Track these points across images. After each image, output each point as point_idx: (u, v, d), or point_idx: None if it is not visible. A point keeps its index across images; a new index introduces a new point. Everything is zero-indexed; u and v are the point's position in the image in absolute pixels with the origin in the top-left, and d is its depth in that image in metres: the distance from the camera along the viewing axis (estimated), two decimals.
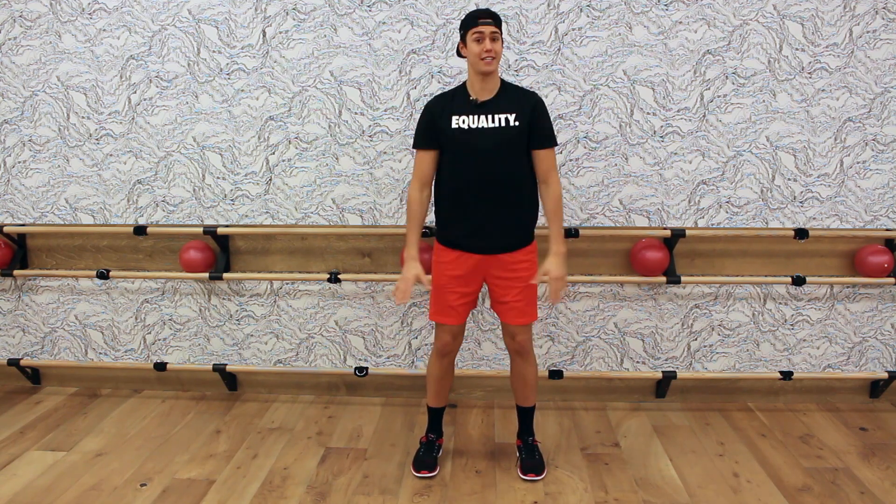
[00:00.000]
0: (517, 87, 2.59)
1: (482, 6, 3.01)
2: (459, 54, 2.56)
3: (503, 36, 2.56)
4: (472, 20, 2.45)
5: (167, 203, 3.32)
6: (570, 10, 3.02)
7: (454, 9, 3.04)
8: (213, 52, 3.16)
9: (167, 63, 3.19)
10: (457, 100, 2.54)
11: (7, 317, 3.51)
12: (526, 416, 2.73)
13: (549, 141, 2.53)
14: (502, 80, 2.56)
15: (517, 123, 2.48)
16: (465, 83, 2.57)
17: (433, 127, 2.54)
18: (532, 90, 2.63)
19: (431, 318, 2.64)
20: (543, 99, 2.58)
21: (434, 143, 2.55)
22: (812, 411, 3.23)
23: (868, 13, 2.97)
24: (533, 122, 2.50)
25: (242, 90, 3.18)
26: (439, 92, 2.70)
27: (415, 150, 2.60)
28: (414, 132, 2.61)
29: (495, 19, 2.46)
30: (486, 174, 2.48)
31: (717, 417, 3.17)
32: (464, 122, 2.50)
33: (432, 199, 2.66)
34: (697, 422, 3.13)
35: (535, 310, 2.62)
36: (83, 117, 3.27)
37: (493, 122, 2.49)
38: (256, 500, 2.51)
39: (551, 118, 2.60)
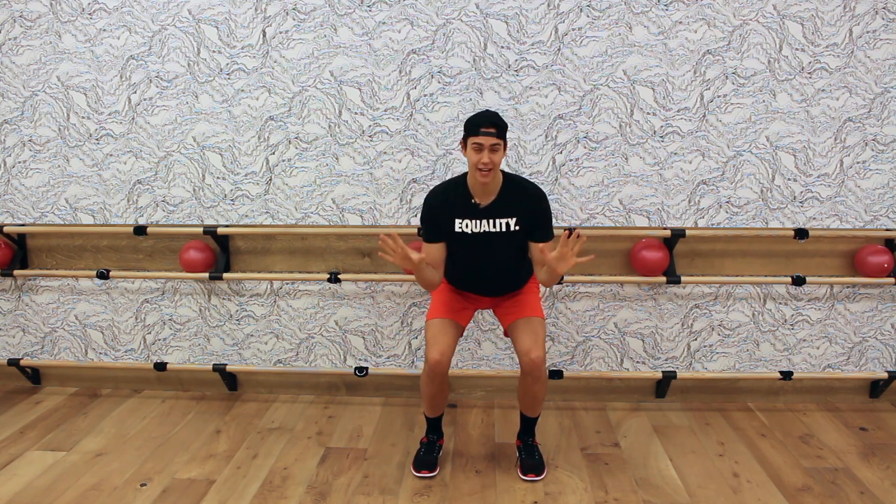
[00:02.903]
0: (518, 182, 2.55)
1: (483, 4, 3.02)
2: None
3: (506, 140, 2.46)
4: (474, 127, 2.40)
5: (167, 203, 3.32)
6: (570, 10, 3.02)
7: (454, 9, 3.04)
8: (213, 52, 3.16)
9: (167, 63, 3.19)
10: (458, 199, 2.53)
11: (7, 317, 3.51)
12: (529, 422, 2.73)
13: (548, 236, 2.56)
14: (504, 175, 2.54)
15: (518, 228, 2.52)
16: (465, 176, 2.55)
17: (436, 223, 2.56)
18: (534, 185, 2.57)
19: (429, 318, 2.64)
20: (546, 195, 2.57)
21: (440, 238, 2.58)
22: (812, 411, 3.23)
23: (868, 13, 2.97)
24: (534, 223, 2.53)
25: (242, 90, 3.18)
26: (440, 183, 2.65)
27: (423, 243, 2.63)
28: (420, 221, 2.65)
29: (499, 129, 2.40)
30: (487, 267, 2.60)
31: (717, 417, 3.17)
32: (466, 225, 2.53)
33: None
34: (697, 422, 3.13)
35: (539, 308, 2.66)
36: (83, 117, 3.27)
37: (495, 226, 2.53)
38: (256, 500, 2.51)
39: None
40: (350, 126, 3.18)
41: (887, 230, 3.13)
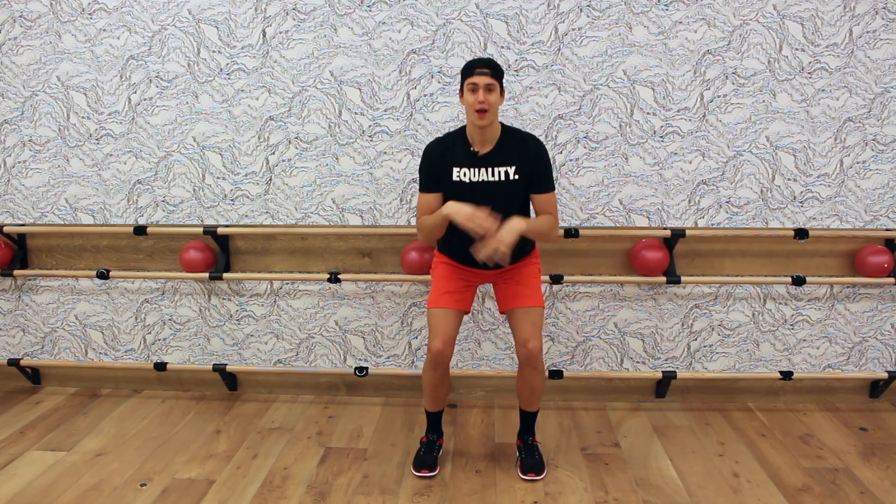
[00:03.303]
0: (517, 132, 2.55)
1: (482, 5, 3.02)
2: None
3: (503, 86, 2.48)
4: (469, 69, 2.43)
5: (167, 203, 3.32)
6: (570, 10, 3.02)
7: (454, 9, 3.04)
8: (213, 52, 3.16)
9: (167, 63, 3.19)
10: (457, 148, 2.53)
11: (7, 317, 3.51)
12: (529, 418, 2.73)
13: (549, 187, 2.54)
14: (503, 126, 2.54)
15: (517, 177, 2.50)
16: (464, 128, 2.55)
17: (434, 172, 2.55)
18: (533, 135, 2.58)
19: (430, 306, 2.61)
20: (544, 143, 2.57)
21: (438, 187, 2.56)
22: (812, 411, 3.23)
23: (868, 13, 2.97)
24: (533, 172, 2.51)
25: (242, 90, 3.18)
26: (439, 135, 2.65)
27: (419, 192, 2.60)
28: (418, 174, 2.62)
29: (493, 70, 2.42)
30: None
31: (717, 417, 3.17)
32: (464, 174, 2.51)
33: None
34: (697, 422, 3.13)
35: (540, 296, 2.62)
36: (83, 117, 3.27)
37: (494, 175, 2.50)
38: (256, 500, 2.51)
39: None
40: (350, 126, 3.18)
41: (887, 230, 3.13)
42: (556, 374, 3.23)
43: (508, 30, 3.04)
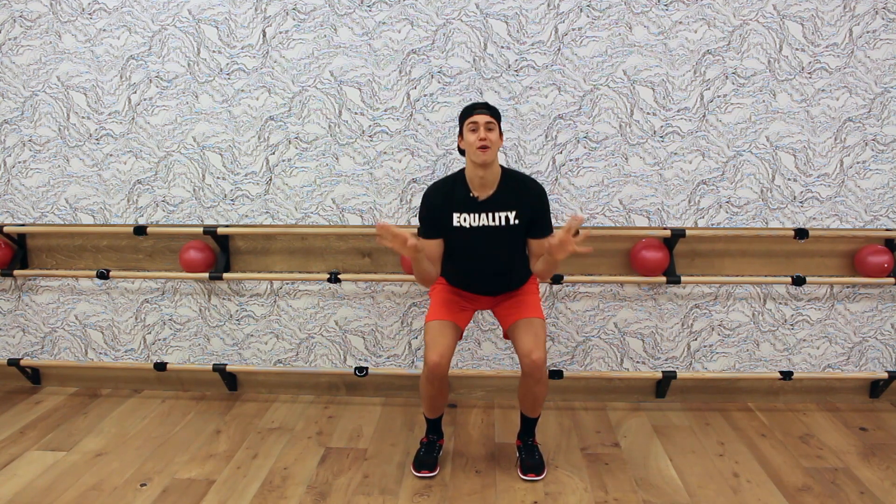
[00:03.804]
0: (516, 175, 2.56)
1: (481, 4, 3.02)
2: (460, 150, 2.55)
3: (501, 129, 2.52)
4: (468, 111, 2.47)
5: (167, 203, 3.32)
6: (570, 10, 3.02)
7: (454, 9, 3.04)
8: (213, 52, 3.16)
9: (167, 63, 3.19)
10: (457, 194, 2.53)
11: (7, 317, 3.51)
12: (529, 422, 2.72)
13: (547, 231, 2.56)
14: (503, 169, 2.54)
15: (517, 222, 2.52)
16: (464, 172, 2.56)
17: (434, 219, 2.56)
18: (532, 179, 2.58)
19: (428, 320, 2.63)
20: (545, 189, 2.58)
21: (438, 234, 2.58)
22: (812, 411, 3.23)
23: (868, 13, 2.97)
24: (533, 216, 2.53)
25: (242, 90, 3.18)
26: (438, 179, 2.65)
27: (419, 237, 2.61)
28: (418, 218, 2.63)
29: (492, 111, 2.46)
30: (489, 262, 2.58)
31: (717, 417, 3.17)
32: (465, 220, 2.53)
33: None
34: (697, 422, 3.13)
35: (540, 309, 2.65)
36: (83, 117, 3.27)
37: (494, 220, 2.52)
38: (256, 500, 2.51)
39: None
40: (350, 126, 3.18)
41: (887, 230, 3.13)
42: (556, 374, 3.23)
43: (508, 30, 3.04)
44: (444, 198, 2.54)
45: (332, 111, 3.17)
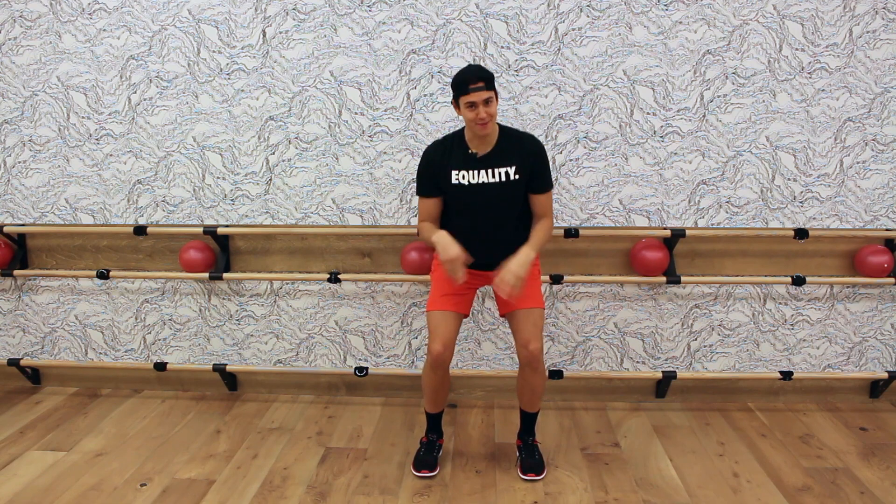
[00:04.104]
0: (515, 132, 2.56)
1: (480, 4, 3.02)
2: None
3: (496, 88, 2.48)
4: (463, 87, 2.39)
5: (167, 203, 3.32)
6: (570, 10, 3.02)
7: (454, 9, 3.04)
8: (213, 52, 3.16)
9: (167, 63, 3.19)
10: (455, 151, 2.53)
11: (7, 317, 3.51)
12: (529, 419, 2.73)
13: (547, 186, 2.56)
14: (500, 127, 2.54)
15: (517, 177, 2.51)
16: (462, 130, 2.56)
17: (433, 177, 2.55)
18: (530, 134, 2.59)
19: (429, 308, 2.61)
20: (543, 143, 2.58)
21: (437, 192, 2.58)
22: (812, 411, 3.23)
23: (868, 13, 2.97)
24: (532, 170, 2.52)
25: (242, 90, 3.18)
26: (437, 139, 2.65)
27: (418, 196, 2.61)
28: (416, 178, 2.62)
29: (487, 81, 2.39)
30: (488, 222, 2.55)
31: (717, 417, 3.17)
32: (463, 177, 2.52)
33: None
34: (697, 422, 3.13)
35: (540, 297, 2.62)
36: (83, 117, 3.27)
37: (494, 176, 2.51)
38: (256, 500, 2.51)
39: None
40: (350, 126, 3.18)
41: (887, 230, 3.13)
42: (556, 374, 3.23)
43: (508, 30, 3.04)
44: (442, 155, 2.54)
45: (332, 111, 3.17)
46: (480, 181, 2.51)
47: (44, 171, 3.34)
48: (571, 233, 3.10)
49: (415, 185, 3.15)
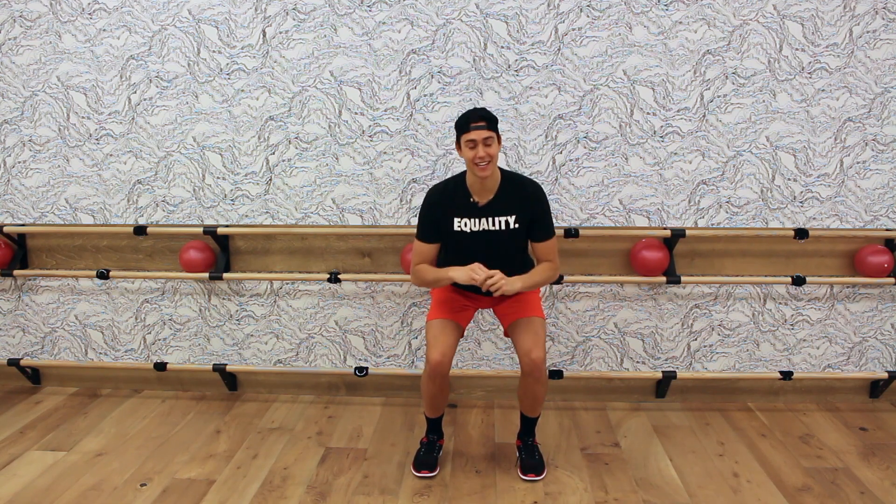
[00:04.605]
0: (516, 179, 2.55)
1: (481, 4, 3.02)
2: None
3: (499, 133, 2.46)
4: (465, 125, 2.41)
5: (167, 203, 3.32)
6: (570, 10, 3.02)
7: (454, 9, 3.04)
8: (213, 52, 3.16)
9: (167, 63, 3.19)
10: (457, 198, 2.53)
11: (7, 317, 3.51)
12: (529, 422, 2.73)
13: (549, 234, 2.56)
14: (502, 173, 2.54)
15: (517, 226, 2.52)
16: (464, 175, 2.56)
17: (436, 222, 2.56)
18: (532, 181, 2.58)
19: (429, 319, 2.64)
20: (544, 190, 2.58)
21: (438, 237, 2.59)
22: (812, 411, 3.23)
23: (868, 13, 2.97)
24: (533, 219, 2.52)
25: (242, 90, 3.18)
26: (439, 182, 2.64)
27: (417, 240, 2.62)
28: (417, 221, 2.62)
29: (488, 121, 2.40)
30: (487, 265, 2.52)
31: (717, 417, 3.17)
32: (465, 224, 2.53)
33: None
34: (697, 422, 3.13)
35: (540, 308, 2.65)
36: (83, 117, 3.27)
37: (494, 224, 2.52)
38: (256, 500, 2.51)
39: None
40: (350, 126, 3.18)
41: (887, 230, 3.13)
42: (556, 374, 3.23)
43: (508, 30, 3.04)
44: (445, 202, 2.55)
45: (332, 111, 3.17)
46: (482, 228, 2.53)
47: (44, 171, 3.34)
48: (571, 233, 3.10)
49: (415, 184, 3.17)
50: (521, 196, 2.52)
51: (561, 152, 3.13)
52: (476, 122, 2.40)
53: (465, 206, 2.53)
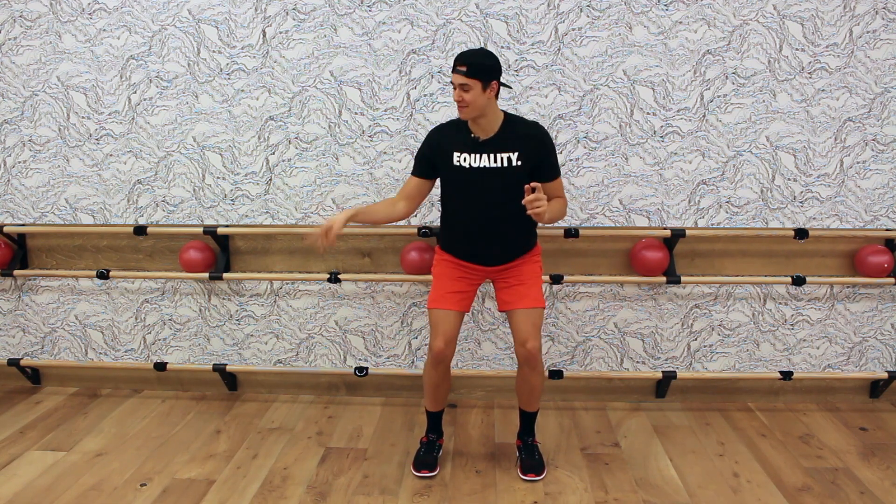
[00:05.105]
0: (520, 120, 2.55)
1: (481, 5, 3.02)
2: None
3: (487, 80, 2.39)
4: (453, 64, 2.42)
5: (167, 203, 3.32)
6: (570, 10, 3.02)
7: (454, 9, 3.04)
8: (213, 52, 3.16)
9: (167, 63, 3.19)
10: (460, 134, 2.53)
11: (7, 317, 3.51)
12: (528, 418, 2.73)
13: (555, 173, 2.56)
14: (505, 114, 2.53)
15: (519, 163, 2.48)
16: None
17: (431, 158, 2.56)
18: (536, 123, 2.58)
19: (430, 306, 2.61)
20: (548, 131, 2.57)
21: (426, 174, 2.59)
22: (812, 411, 3.23)
23: (868, 13, 2.97)
24: (538, 160, 2.50)
25: (242, 90, 3.18)
26: (445, 121, 2.65)
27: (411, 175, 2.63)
28: (414, 156, 2.62)
29: (470, 67, 2.36)
30: (488, 209, 2.53)
31: (717, 417, 3.17)
32: (464, 159, 2.51)
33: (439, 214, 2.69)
34: (697, 422, 3.13)
35: (540, 296, 2.60)
36: (83, 117, 3.27)
37: (495, 161, 2.49)
38: (256, 500, 2.51)
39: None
40: (350, 126, 3.18)
41: (887, 230, 3.13)
42: (556, 374, 3.23)
43: (508, 30, 3.04)
44: (446, 137, 2.54)
45: (332, 111, 3.17)
46: (481, 165, 2.49)
47: (44, 171, 3.34)
48: (571, 233, 3.10)
49: None
50: (525, 136, 2.49)
51: (561, 152, 3.13)
52: (459, 64, 2.39)
53: (466, 141, 2.51)
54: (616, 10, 3.01)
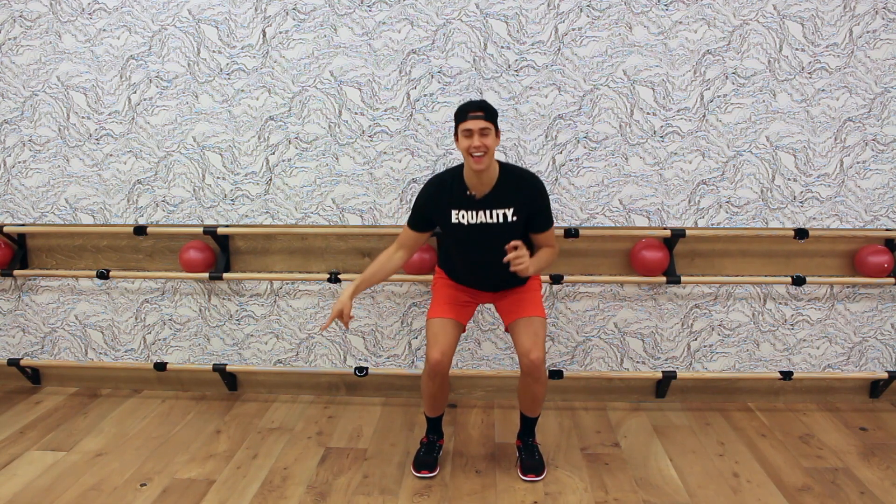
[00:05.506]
0: (515, 171, 2.54)
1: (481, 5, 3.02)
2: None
3: (498, 127, 2.44)
4: (462, 114, 2.40)
5: (167, 203, 3.32)
6: (570, 10, 3.02)
7: (454, 9, 3.04)
8: (213, 52, 3.16)
9: (167, 63, 3.19)
10: (455, 190, 2.52)
11: (7, 317, 3.51)
12: (529, 422, 2.73)
13: (548, 224, 2.56)
14: (500, 166, 2.52)
15: (515, 219, 2.50)
16: (461, 168, 2.54)
17: (428, 215, 2.57)
18: (531, 173, 2.56)
19: (429, 317, 2.63)
20: (543, 182, 2.56)
21: (423, 228, 2.60)
22: (812, 411, 3.23)
23: (868, 13, 2.97)
24: (532, 212, 2.52)
25: (242, 90, 3.18)
26: (440, 172, 2.63)
27: (406, 225, 2.63)
28: (412, 208, 2.62)
29: (486, 112, 2.38)
30: (486, 259, 2.55)
31: (717, 417, 3.17)
32: (462, 216, 2.52)
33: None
34: (697, 422, 3.13)
35: (541, 307, 2.64)
36: (83, 117, 3.27)
37: (492, 217, 2.51)
38: (256, 500, 2.51)
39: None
40: (350, 126, 3.18)
41: (887, 230, 3.13)
42: (556, 374, 3.23)
43: (508, 30, 3.04)
44: (443, 194, 2.54)
45: (332, 111, 3.17)
46: (478, 221, 2.52)
47: (44, 171, 3.34)
48: (571, 233, 3.10)
49: (415, 184, 3.17)
50: (520, 189, 2.50)
51: (561, 152, 3.13)
52: (474, 111, 2.38)
53: (463, 198, 2.52)
54: (616, 10, 3.01)
